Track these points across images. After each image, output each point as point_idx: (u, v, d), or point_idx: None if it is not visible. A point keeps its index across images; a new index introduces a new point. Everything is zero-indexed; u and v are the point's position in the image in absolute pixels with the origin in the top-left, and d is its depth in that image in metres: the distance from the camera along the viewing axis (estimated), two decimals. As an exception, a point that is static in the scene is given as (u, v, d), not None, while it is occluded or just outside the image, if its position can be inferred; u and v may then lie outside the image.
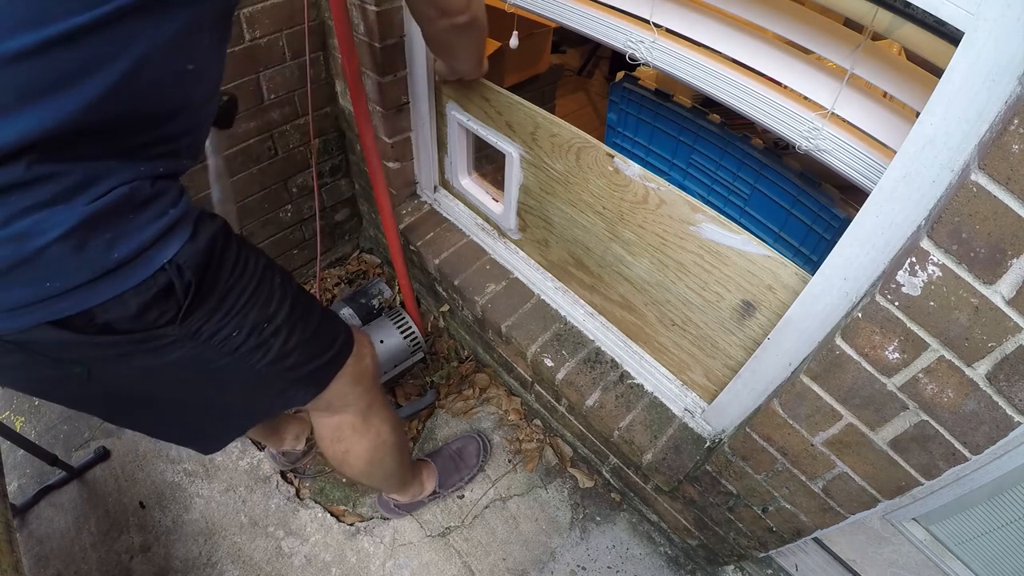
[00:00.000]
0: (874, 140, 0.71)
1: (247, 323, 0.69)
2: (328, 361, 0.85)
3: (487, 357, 1.70)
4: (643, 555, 1.43)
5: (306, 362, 0.80)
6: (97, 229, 0.52)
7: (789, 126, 0.78)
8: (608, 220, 1.14)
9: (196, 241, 0.60)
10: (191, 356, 0.66)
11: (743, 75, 0.81)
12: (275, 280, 0.73)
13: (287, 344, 0.75)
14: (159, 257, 0.57)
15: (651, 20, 0.86)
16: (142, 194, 0.56)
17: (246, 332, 0.69)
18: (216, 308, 0.65)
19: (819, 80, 0.75)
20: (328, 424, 0.99)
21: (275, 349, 0.74)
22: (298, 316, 0.76)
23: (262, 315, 0.71)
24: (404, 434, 1.15)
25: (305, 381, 0.84)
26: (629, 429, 1.22)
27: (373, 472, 1.10)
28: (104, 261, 0.53)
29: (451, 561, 1.39)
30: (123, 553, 1.37)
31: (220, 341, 0.67)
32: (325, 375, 0.86)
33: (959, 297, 0.58)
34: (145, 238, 0.56)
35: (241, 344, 0.70)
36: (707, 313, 1.06)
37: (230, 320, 0.67)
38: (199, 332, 0.65)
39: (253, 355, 0.72)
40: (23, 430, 1.57)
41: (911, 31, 0.63)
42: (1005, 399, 0.60)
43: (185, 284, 0.60)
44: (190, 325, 0.63)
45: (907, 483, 0.75)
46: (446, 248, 1.56)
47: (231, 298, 0.66)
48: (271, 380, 0.79)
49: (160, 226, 0.57)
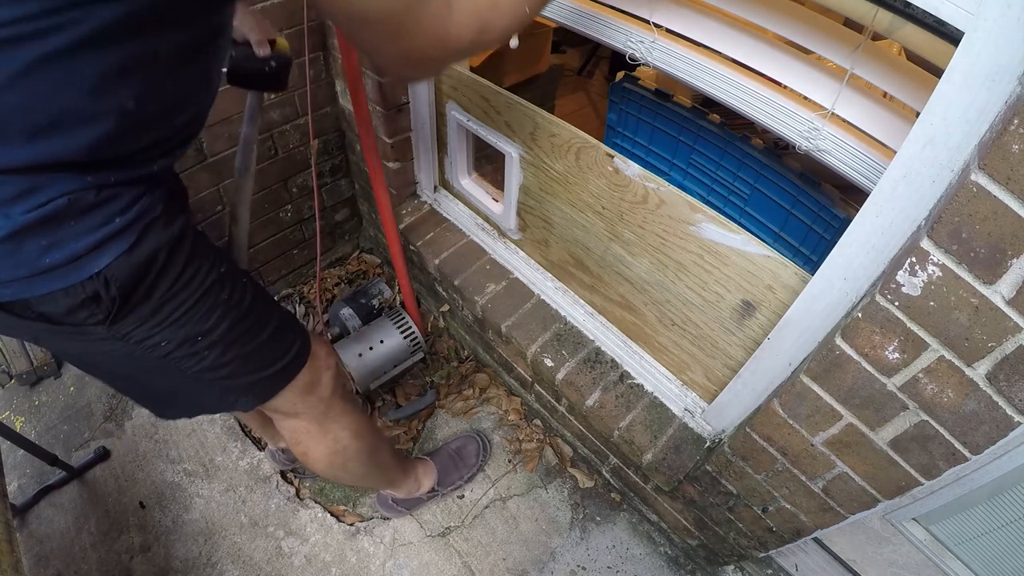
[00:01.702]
0: (874, 140, 0.72)
1: (178, 335, 0.69)
2: (271, 375, 0.84)
3: (487, 357, 1.70)
4: (643, 555, 1.43)
5: (244, 374, 0.80)
6: (34, 236, 0.54)
7: (789, 126, 0.78)
8: (608, 220, 1.14)
9: (134, 254, 0.60)
10: (121, 352, 0.68)
11: (743, 75, 0.81)
12: (221, 295, 0.72)
13: (223, 357, 0.75)
14: (88, 268, 0.57)
15: (651, 20, 0.86)
16: (84, 203, 0.56)
17: (176, 343, 0.69)
18: (147, 318, 0.65)
19: (819, 80, 0.75)
20: (284, 425, 0.99)
21: (209, 360, 0.74)
22: (241, 331, 0.76)
23: (197, 329, 0.70)
24: (376, 439, 1.13)
25: (244, 391, 0.84)
26: (629, 429, 1.22)
27: (337, 474, 1.10)
28: (36, 264, 0.55)
29: (451, 561, 1.39)
30: (123, 553, 1.37)
31: (149, 347, 0.68)
32: (266, 388, 0.86)
33: (959, 297, 0.58)
34: (79, 248, 0.56)
35: (170, 352, 0.70)
36: (707, 313, 1.06)
37: (161, 330, 0.67)
38: (128, 336, 0.65)
39: (183, 362, 0.72)
40: (23, 430, 1.57)
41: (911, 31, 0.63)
42: (1005, 399, 0.60)
43: (111, 296, 0.60)
44: (118, 329, 0.64)
45: (907, 483, 0.75)
46: (446, 248, 1.56)
47: (165, 310, 0.66)
48: (206, 385, 0.79)
49: (98, 236, 0.57)
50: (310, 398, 0.93)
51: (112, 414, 1.62)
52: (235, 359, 0.76)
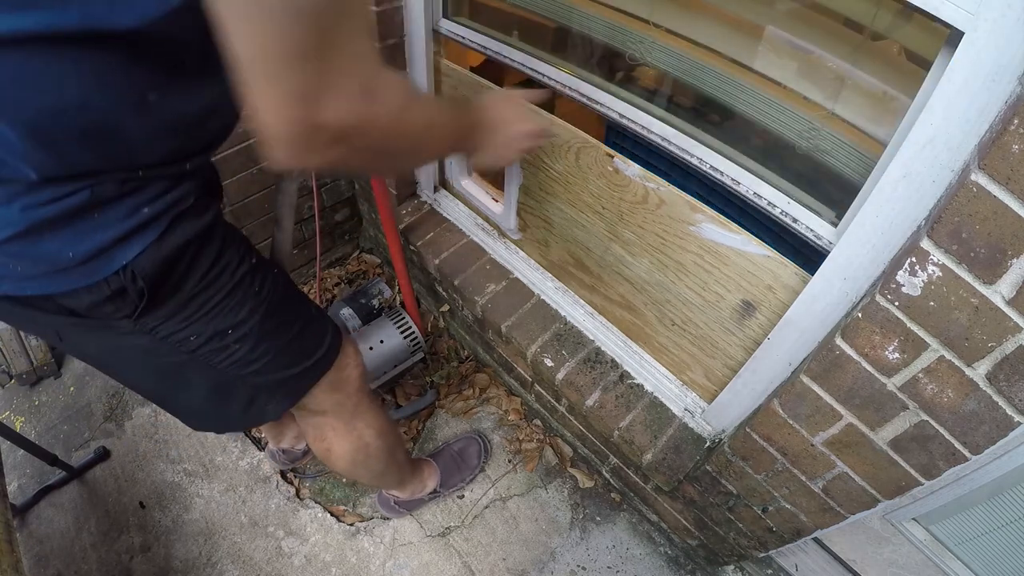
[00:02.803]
0: (874, 140, 0.72)
1: (209, 328, 0.67)
2: (302, 371, 0.81)
3: (487, 357, 1.70)
4: (643, 555, 1.43)
5: (275, 370, 0.78)
6: (55, 229, 0.52)
7: (789, 126, 0.78)
8: (608, 220, 1.14)
9: (162, 245, 0.58)
10: (148, 347, 0.66)
11: (743, 75, 0.81)
12: (253, 287, 0.70)
13: (254, 351, 0.72)
14: (115, 261, 0.55)
15: (651, 20, 0.86)
16: (108, 194, 0.54)
17: (206, 336, 0.67)
18: (175, 312, 0.63)
19: (819, 80, 0.75)
20: (310, 422, 0.98)
21: (240, 353, 0.71)
22: (273, 325, 0.73)
23: (228, 322, 0.68)
24: (395, 438, 1.13)
25: (273, 389, 0.81)
26: (629, 429, 1.22)
27: (357, 471, 1.09)
28: (58, 259, 0.53)
29: (451, 561, 1.39)
30: (123, 553, 1.37)
31: (177, 341, 0.66)
32: (296, 385, 0.83)
33: (959, 297, 0.58)
34: (104, 239, 0.54)
35: (199, 347, 0.68)
36: (707, 313, 1.06)
37: (189, 325, 0.65)
38: (155, 330, 0.63)
39: (213, 357, 0.70)
40: (23, 430, 1.57)
41: (911, 31, 0.63)
42: (1005, 399, 0.60)
43: (138, 290, 0.58)
44: (145, 323, 0.62)
45: (907, 483, 0.75)
46: (446, 248, 1.56)
47: (195, 303, 0.64)
48: (235, 383, 0.77)
49: (125, 227, 0.55)
50: (338, 395, 0.91)
51: (112, 414, 1.62)
52: (266, 353, 0.74)
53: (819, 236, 0.79)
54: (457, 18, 1.24)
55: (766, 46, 0.79)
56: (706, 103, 0.90)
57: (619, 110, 0.96)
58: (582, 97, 1.01)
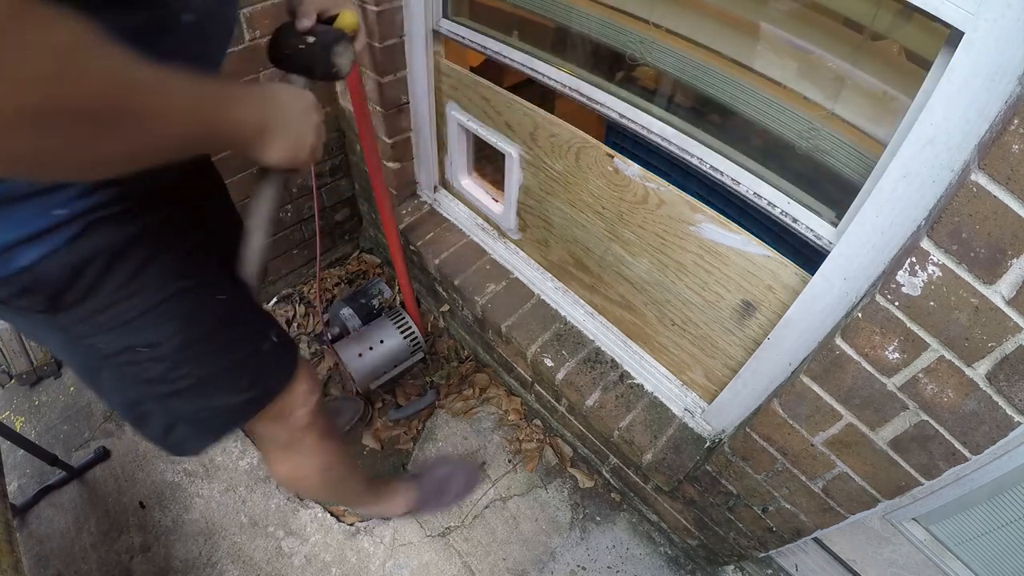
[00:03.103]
0: (874, 140, 0.72)
1: (120, 342, 0.64)
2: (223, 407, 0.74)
3: (487, 357, 1.70)
4: (643, 555, 1.43)
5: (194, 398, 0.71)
6: None
7: (789, 126, 0.78)
8: (608, 220, 1.14)
9: (71, 252, 0.54)
10: (65, 342, 0.64)
11: (743, 75, 0.81)
12: (182, 308, 0.65)
13: (171, 373, 0.68)
14: (15, 261, 0.53)
15: (651, 20, 0.86)
16: (18, 191, 0.51)
17: (117, 348, 0.64)
18: (87, 317, 0.60)
19: (819, 80, 0.75)
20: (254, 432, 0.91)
21: (152, 373, 0.67)
22: (197, 352, 0.68)
23: (143, 339, 0.64)
24: (343, 471, 1.05)
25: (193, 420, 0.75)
26: (629, 429, 1.22)
27: (295, 491, 1.07)
28: None
29: (451, 561, 1.39)
30: (123, 553, 1.37)
31: (89, 345, 0.63)
32: (219, 422, 0.76)
33: (959, 297, 0.58)
34: (7, 238, 0.52)
35: (111, 355, 0.65)
36: (707, 313, 1.06)
37: (100, 333, 0.62)
38: (68, 328, 0.61)
39: (125, 368, 0.66)
40: (23, 430, 1.57)
41: (911, 31, 0.63)
42: (1005, 399, 0.60)
43: (45, 291, 0.56)
44: (58, 320, 0.60)
45: (907, 483, 0.75)
46: (446, 248, 1.56)
47: (108, 313, 0.61)
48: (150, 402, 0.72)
49: (32, 228, 0.52)
50: (275, 426, 0.85)
51: (112, 414, 1.61)
52: (186, 378, 0.68)
53: (819, 236, 0.79)
54: (457, 18, 1.24)
55: (766, 46, 0.79)
56: (706, 103, 0.90)
57: (619, 110, 0.96)
58: (582, 97, 1.01)
